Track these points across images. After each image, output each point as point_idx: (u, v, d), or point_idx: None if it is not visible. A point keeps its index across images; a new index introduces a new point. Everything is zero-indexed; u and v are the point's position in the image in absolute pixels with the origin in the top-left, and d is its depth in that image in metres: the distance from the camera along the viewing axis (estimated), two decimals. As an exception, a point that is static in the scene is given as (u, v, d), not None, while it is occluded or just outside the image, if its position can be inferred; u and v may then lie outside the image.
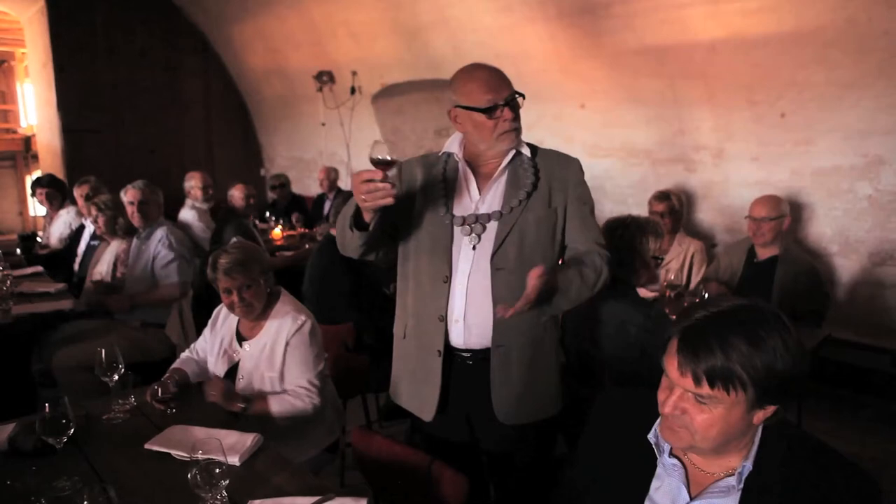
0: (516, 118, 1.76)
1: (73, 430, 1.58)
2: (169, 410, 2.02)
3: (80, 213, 4.76)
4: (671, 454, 1.21)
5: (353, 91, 6.65)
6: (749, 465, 1.13)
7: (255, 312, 2.22)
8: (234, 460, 1.64)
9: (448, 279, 1.78)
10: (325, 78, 6.73)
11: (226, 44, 8.21)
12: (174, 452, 1.72)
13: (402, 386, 1.93)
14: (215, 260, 2.21)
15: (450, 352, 1.81)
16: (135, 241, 3.60)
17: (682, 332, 1.09)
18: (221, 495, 1.42)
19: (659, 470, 1.22)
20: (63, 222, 4.95)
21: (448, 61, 5.86)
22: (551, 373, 1.86)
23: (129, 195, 3.57)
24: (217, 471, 1.38)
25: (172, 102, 8.17)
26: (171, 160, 7.95)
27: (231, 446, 1.68)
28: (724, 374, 1.05)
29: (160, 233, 3.55)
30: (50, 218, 5.02)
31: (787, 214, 3.23)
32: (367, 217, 1.68)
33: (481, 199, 1.80)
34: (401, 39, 6.05)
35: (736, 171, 4.20)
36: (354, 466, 2.37)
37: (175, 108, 8.19)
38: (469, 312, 1.76)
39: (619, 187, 4.93)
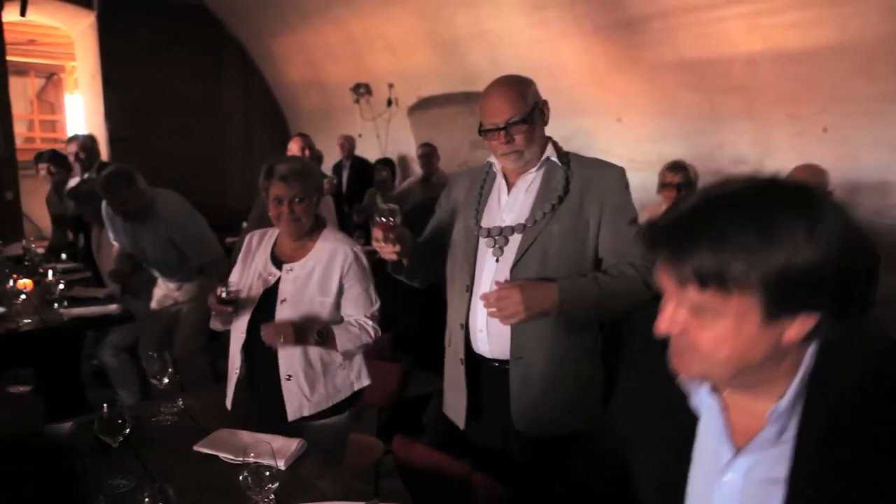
0: (510, 142, 1.74)
1: (128, 430, 1.65)
2: (232, 310, 2.07)
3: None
4: (711, 391, 0.94)
5: (389, 103, 6.75)
6: (785, 403, 0.85)
7: (301, 230, 2.14)
8: (281, 464, 1.68)
9: (469, 288, 1.82)
10: (362, 90, 6.85)
11: (265, 56, 8.41)
12: (222, 455, 1.77)
13: (445, 393, 1.98)
14: (272, 167, 2.12)
15: (477, 360, 1.85)
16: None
17: (669, 225, 0.84)
18: (269, 498, 1.47)
19: (701, 422, 0.96)
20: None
21: (484, 74, 5.90)
22: (578, 387, 1.80)
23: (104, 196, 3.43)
24: (266, 474, 1.43)
25: (213, 114, 8.38)
26: (211, 170, 8.15)
27: (277, 450, 1.73)
28: (715, 270, 0.78)
29: (160, 217, 3.45)
30: (56, 192, 5.06)
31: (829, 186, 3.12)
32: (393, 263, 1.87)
33: (508, 209, 1.81)
34: (438, 52, 6.13)
35: (776, 185, 4.16)
36: (389, 474, 2.42)
37: (215, 120, 8.40)
38: (491, 322, 1.77)
39: (656, 201, 4.90)
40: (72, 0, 7.54)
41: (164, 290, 3.73)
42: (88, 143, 4.74)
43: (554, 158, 1.80)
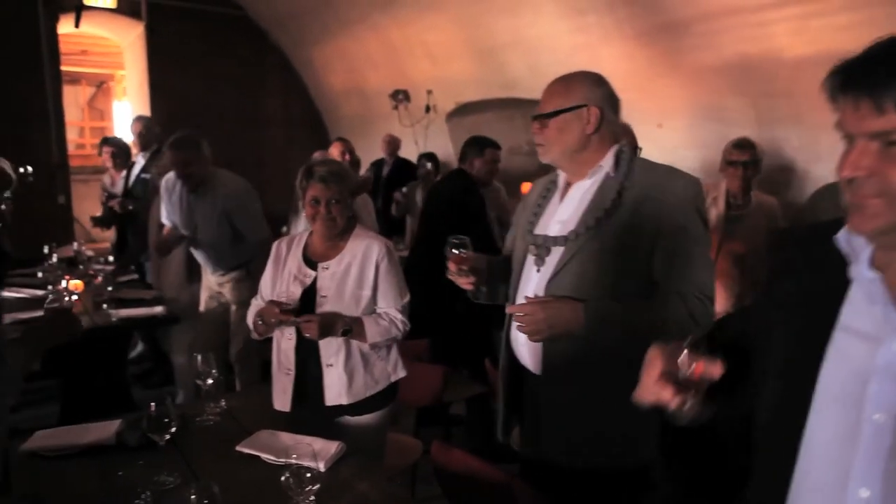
0: (537, 134, 1.71)
1: (174, 428, 1.69)
2: (293, 318, 2.10)
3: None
4: (870, 266, 0.85)
5: (427, 109, 6.79)
6: None
7: (336, 230, 2.20)
8: (321, 466, 1.71)
9: (513, 298, 1.79)
10: (400, 96, 6.91)
11: (307, 64, 8.55)
12: (263, 456, 1.80)
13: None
14: (310, 168, 2.19)
15: (521, 371, 1.79)
16: (183, 193, 3.60)
17: (862, 59, 0.80)
18: (310, 500, 1.49)
19: (853, 292, 0.88)
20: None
21: (523, 81, 5.91)
22: (611, 419, 1.61)
23: (168, 157, 3.53)
24: (308, 475, 1.45)
25: (255, 120, 8.55)
26: (252, 175, 8.22)
27: (317, 452, 1.75)
28: None
29: (221, 190, 3.54)
30: (111, 178, 5.22)
31: None
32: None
33: (558, 218, 1.71)
34: (476, 59, 6.15)
35: (824, 193, 4.05)
36: (426, 479, 2.43)
37: (257, 126, 8.57)
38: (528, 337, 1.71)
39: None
40: (122, 11, 7.79)
41: (209, 291, 3.78)
42: (150, 124, 4.97)
43: (608, 168, 1.66)
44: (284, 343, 2.23)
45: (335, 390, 2.16)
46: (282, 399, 2.21)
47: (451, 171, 4.67)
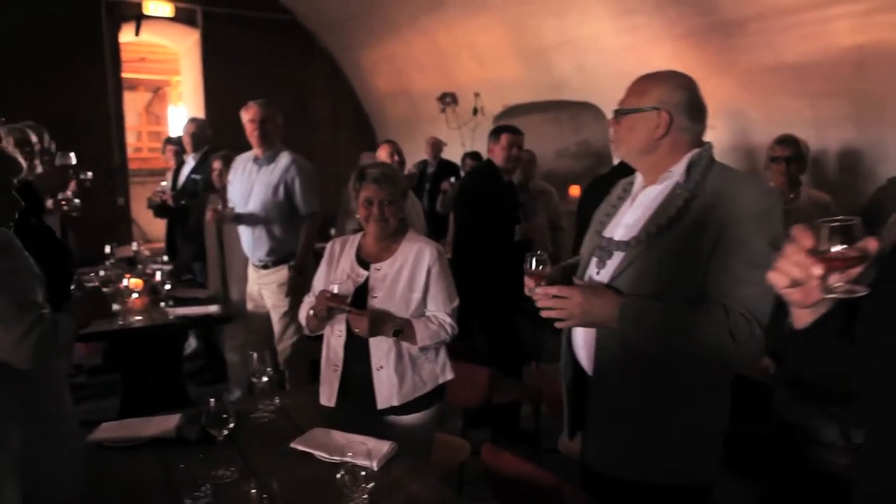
0: (615, 130, 1.69)
1: (232, 424, 1.74)
2: (345, 306, 2.12)
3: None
4: None
5: (475, 112, 6.80)
6: None
7: (388, 231, 2.24)
8: (374, 465, 1.73)
9: None
10: (448, 99, 6.94)
11: (354, 67, 8.67)
12: (317, 453, 1.84)
13: None
14: (363, 170, 2.24)
15: (583, 375, 1.76)
16: (248, 164, 3.74)
17: None
18: (364, 498, 1.51)
19: None
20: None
21: (571, 82, 5.87)
22: (660, 430, 1.57)
23: (249, 112, 3.67)
24: (362, 474, 1.47)
25: (304, 123, 8.70)
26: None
27: (370, 451, 1.77)
28: None
29: (286, 159, 3.67)
30: (172, 175, 5.41)
31: None
32: None
33: (625, 222, 1.67)
34: (524, 61, 6.14)
35: (887, 195, 3.90)
36: (474, 481, 2.43)
37: (306, 129, 8.71)
38: (586, 340, 1.69)
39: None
40: (179, 20, 8.05)
41: (252, 301, 3.82)
42: (203, 125, 5.16)
43: (679, 176, 1.60)
44: (334, 340, 2.28)
45: (386, 392, 2.19)
46: (328, 394, 2.26)
47: (477, 164, 4.67)
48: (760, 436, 2.82)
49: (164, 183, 5.29)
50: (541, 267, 1.66)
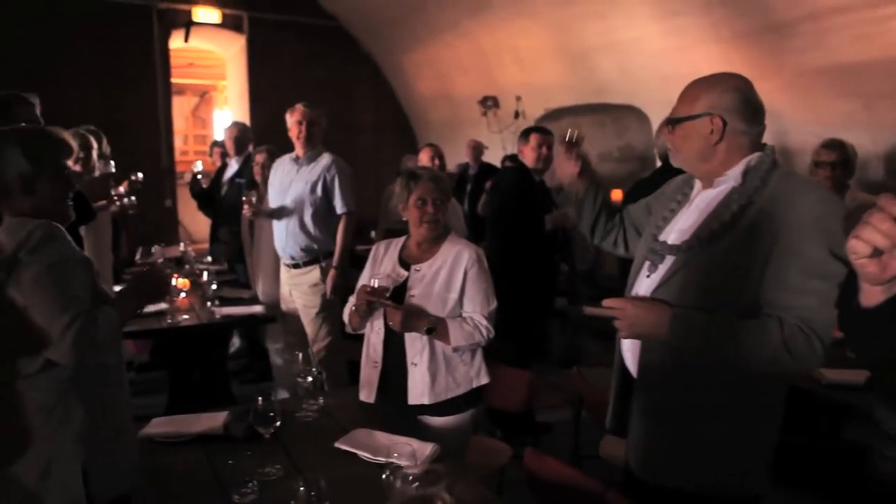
0: (670, 139, 1.66)
1: (279, 423, 1.77)
2: (381, 304, 2.17)
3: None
4: None
5: (516, 115, 6.78)
6: None
7: (437, 230, 2.28)
8: (418, 466, 1.74)
9: None
10: (489, 102, 6.94)
11: (396, 71, 8.74)
12: (361, 453, 1.86)
13: None
14: (412, 172, 2.29)
15: (630, 378, 1.74)
16: (287, 164, 3.83)
17: None
18: (408, 498, 1.52)
19: None
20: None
21: (614, 85, 5.82)
22: (710, 438, 1.54)
23: (296, 114, 3.78)
24: (407, 474, 1.48)
25: (346, 126, 8.80)
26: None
27: (413, 453, 1.78)
28: None
29: (327, 158, 3.74)
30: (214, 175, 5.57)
31: None
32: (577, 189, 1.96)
33: (680, 226, 1.64)
34: (566, 64, 6.10)
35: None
36: (514, 485, 2.42)
37: (348, 132, 8.82)
38: (632, 343, 1.67)
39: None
40: (227, 26, 8.24)
41: (285, 303, 3.86)
42: (245, 129, 5.28)
43: (734, 180, 1.56)
44: (374, 337, 2.31)
45: (418, 389, 2.21)
46: (367, 390, 2.29)
47: (508, 166, 4.65)
48: (814, 447, 2.74)
49: (198, 163, 5.44)
50: (573, 136, 1.93)
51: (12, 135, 1.68)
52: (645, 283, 1.66)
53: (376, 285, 2.16)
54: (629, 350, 1.69)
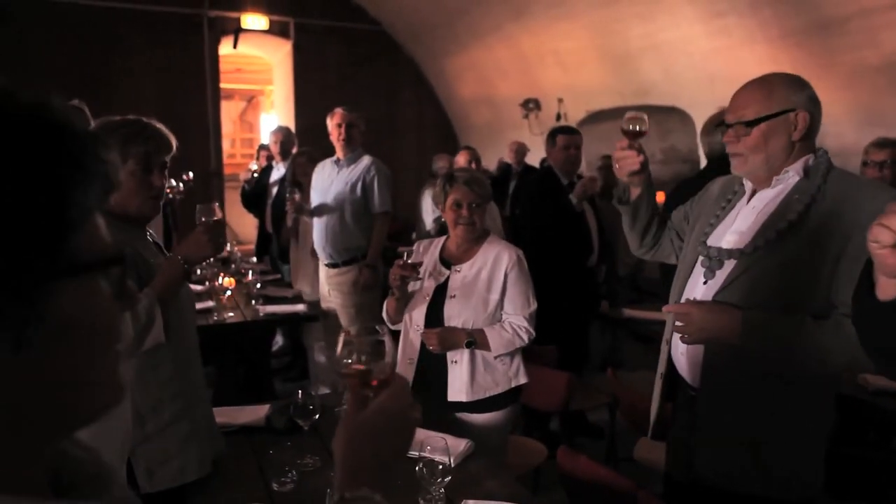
0: (731, 143, 1.57)
1: (318, 416, 1.82)
2: (414, 277, 2.20)
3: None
4: None
5: (558, 118, 6.76)
6: None
7: (474, 233, 2.30)
8: (451, 462, 1.77)
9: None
10: (531, 105, 6.94)
11: (439, 75, 8.81)
12: (396, 447, 1.90)
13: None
14: (451, 174, 2.32)
15: (676, 381, 1.73)
16: (329, 166, 3.94)
17: None
18: (440, 492, 1.55)
19: None
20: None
21: (657, 86, 5.75)
22: (778, 442, 1.53)
23: (336, 117, 3.88)
24: (440, 468, 1.51)
25: (389, 130, 8.92)
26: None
27: (448, 448, 1.81)
28: None
29: (367, 160, 3.86)
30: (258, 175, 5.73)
31: None
32: (633, 194, 1.80)
33: (735, 229, 1.60)
34: (609, 66, 6.06)
35: None
36: (551, 486, 2.43)
37: (391, 136, 8.93)
38: (689, 346, 1.63)
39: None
40: (274, 32, 8.45)
41: (325, 285, 3.95)
42: (289, 133, 5.42)
43: (795, 177, 1.53)
44: (412, 333, 2.35)
45: (457, 387, 2.24)
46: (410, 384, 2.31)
47: (536, 169, 4.60)
48: (863, 457, 2.66)
49: (253, 164, 5.61)
50: (637, 127, 1.70)
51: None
52: (701, 290, 1.62)
53: (410, 261, 2.20)
54: (685, 355, 1.65)
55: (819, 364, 1.45)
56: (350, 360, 0.87)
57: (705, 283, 1.61)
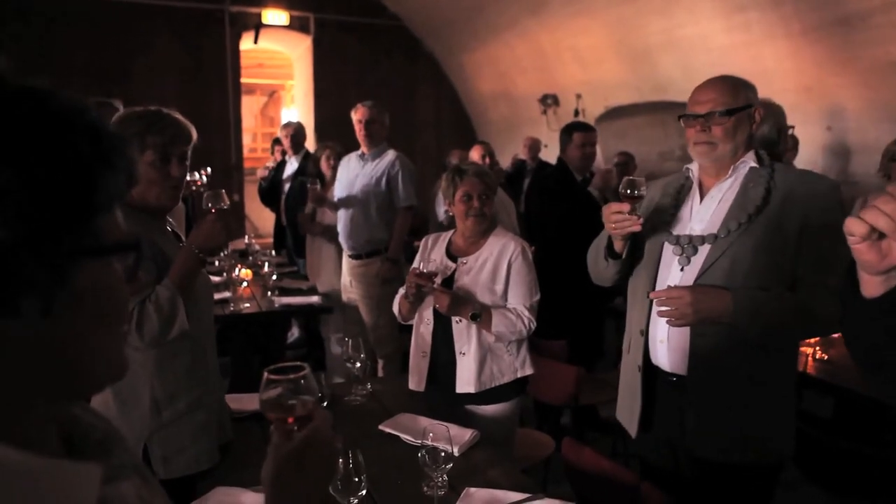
0: (706, 131, 1.68)
1: (325, 403, 1.86)
2: (429, 287, 2.22)
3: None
4: None
5: (576, 114, 6.74)
6: None
7: (483, 224, 2.34)
8: (455, 450, 1.79)
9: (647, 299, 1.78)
10: (549, 101, 6.92)
11: (457, 70, 8.82)
12: (403, 436, 1.93)
13: (620, 398, 1.97)
14: (459, 168, 2.35)
15: (654, 371, 1.80)
16: (354, 160, 3.98)
17: None
18: (443, 479, 1.58)
19: None
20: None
21: (676, 83, 5.71)
22: (765, 414, 1.68)
23: (358, 113, 3.94)
24: (442, 455, 1.54)
25: (408, 125, 8.96)
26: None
27: (452, 437, 1.84)
28: None
29: (391, 155, 3.90)
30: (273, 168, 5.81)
31: None
32: (619, 246, 1.82)
33: (699, 218, 1.74)
34: (627, 62, 6.03)
35: None
36: (557, 480, 2.45)
37: (410, 130, 8.97)
38: (672, 333, 1.72)
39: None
40: (294, 27, 8.52)
41: (347, 276, 4.01)
42: (300, 128, 5.46)
43: (753, 164, 1.71)
44: (423, 327, 2.38)
45: (465, 378, 2.27)
46: (416, 379, 2.36)
47: (550, 165, 4.59)
48: (879, 457, 2.64)
49: (269, 163, 5.68)
50: (636, 191, 1.70)
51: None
52: (678, 276, 1.71)
53: (425, 270, 2.23)
54: (665, 343, 1.73)
55: (790, 332, 1.66)
56: (273, 396, 0.91)
57: (682, 270, 1.72)
